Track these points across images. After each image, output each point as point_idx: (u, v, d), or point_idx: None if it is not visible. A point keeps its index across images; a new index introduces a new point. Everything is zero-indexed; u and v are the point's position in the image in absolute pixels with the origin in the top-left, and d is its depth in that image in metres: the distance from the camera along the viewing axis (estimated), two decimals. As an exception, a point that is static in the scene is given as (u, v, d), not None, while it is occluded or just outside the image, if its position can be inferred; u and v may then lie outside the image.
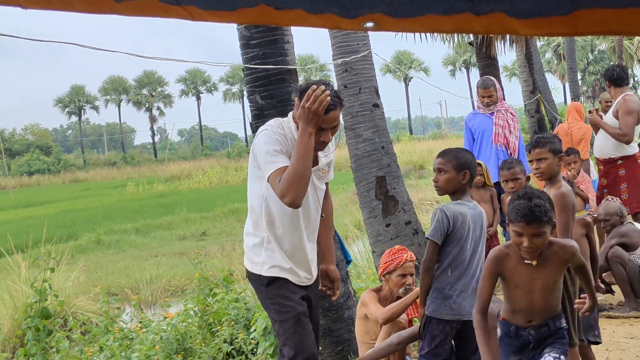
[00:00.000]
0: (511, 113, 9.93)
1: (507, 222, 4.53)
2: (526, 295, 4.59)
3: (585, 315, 5.03)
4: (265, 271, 5.00)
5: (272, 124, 4.95)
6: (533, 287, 4.57)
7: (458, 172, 5.21)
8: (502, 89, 10.20)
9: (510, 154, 9.53)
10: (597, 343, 5.75)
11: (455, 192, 5.30)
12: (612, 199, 8.67)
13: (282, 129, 4.88)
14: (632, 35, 1.76)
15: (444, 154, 5.34)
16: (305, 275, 5.09)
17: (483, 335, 4.61)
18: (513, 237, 4.44)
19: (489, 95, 9.87)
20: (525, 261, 4.49)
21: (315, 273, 5.22)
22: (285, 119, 5.01)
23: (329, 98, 4.60)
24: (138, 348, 8.30)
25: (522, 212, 4.30)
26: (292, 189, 4.56)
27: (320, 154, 5.02)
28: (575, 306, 5.05)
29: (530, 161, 5.69)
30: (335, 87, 10.23)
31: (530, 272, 4.51)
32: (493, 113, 9.85)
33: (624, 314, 7.96)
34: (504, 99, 10.19)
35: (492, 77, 10.44)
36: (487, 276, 4.61)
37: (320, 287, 5.41)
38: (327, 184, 5.40)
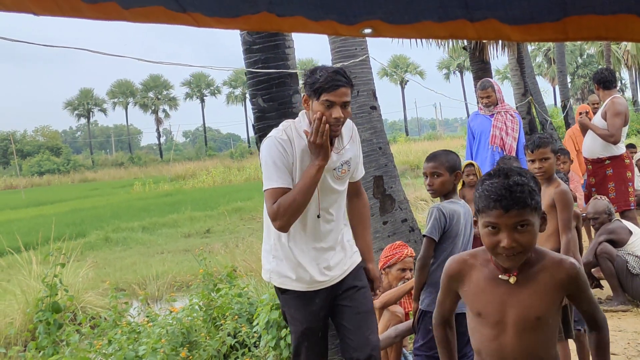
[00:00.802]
0: (511, 115, 10.03)
1: (475, 215, 3.34)
2: (494, 329, 3.35)
3: None
4: (275, 281, 5.01)
5: (278, 130, 4.90)
6: (504, 318, 3.31)
7: (451, 173, 5.31)
8: (501, 91, 10.37)
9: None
10: None
11: (448, 192, 5.37)
12: (600, 197, 8.89)
13: (288, 134, 4.80)
14: (620, 40, 1.82)
15: (435, 158, 5.40)
16: (322, 278, 4.93)
17: (444, 351, 3.96)
18: (485, 235, 3.20)
19: (487, 96, 10.03)
20: (500, 276, 3.30)
21: (340, 272, 5.00)
22: (296, 119, 4.96)
23: (328, 127, 4.58)
24: (145, 341, 8.41)
25: (498, 194, 3.09)
26: (285, 218, 4.57)
27: (332, 153, 4.81)
28: None
29: (532, 160, 5.78)
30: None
31: (502, 293, 3.31)
32: (493, 115, 10.02)
33: (612, 308, 8.12)
34: (504, 101, 10.32)
35: (490, 79, 10.57)
36: (444, 291, 3.68)
37: None
38: (358, 181, 5.30)
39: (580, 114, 10.44)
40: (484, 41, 17.34)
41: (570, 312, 5.46)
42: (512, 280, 3.27)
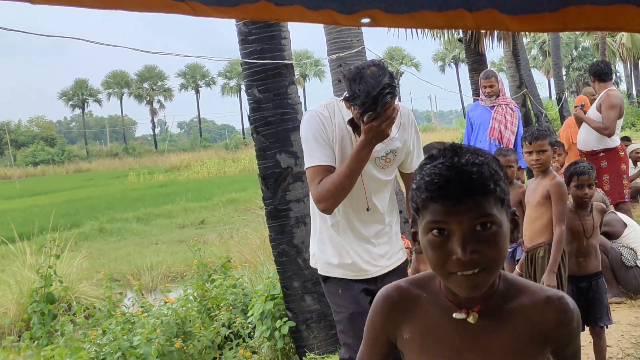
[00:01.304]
0: (511, 108, 10.04)
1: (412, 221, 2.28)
2: None
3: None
4: (320, 268, 4.82)
5: (319, 105, 4.59)
6: None
7: None
8: (503, 83, 10.38)
9: None
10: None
11: None
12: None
13: (329, 111, 4.52)
14: (618, 31, 1.84)
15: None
16: (367, 268, 4.68)
17: None
18: (429, 247, 2.11)
19: (490, 85, 10.05)
20: (455, 315, 2.23)
21: (383, 265, 4.73)
22: (339, 97, 4.54)
23: (396, 113, 4.24)
24: (140, 332, 8.41)
25: (443, 178, 2.04)
26: (330, 200, 4.34)
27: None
28: None
29: (529, 152, 5.75)
30: (331, 81, 10.56)
31: (459, 340, 2.25)
32: (494, 107, 10.04)
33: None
34: (505, 94, 10.33)
35: (494, 70, 10.59)
36: (370, 341, 2.50)
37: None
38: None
39: (576, 107, 10.46)
40: (480, 33, 17.37)
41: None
42: (472, 319, 2.22)
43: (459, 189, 2.03)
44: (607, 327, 5.82)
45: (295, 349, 8.41)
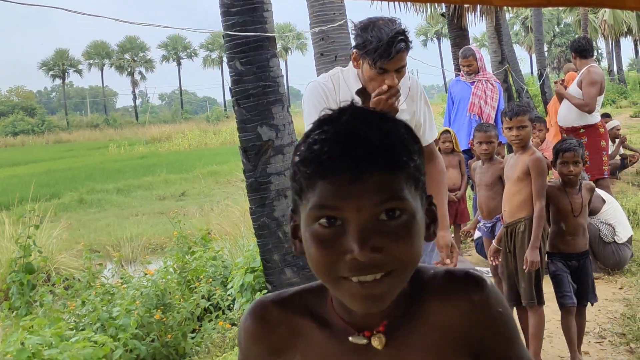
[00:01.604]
0: (492, 84, 10.07)
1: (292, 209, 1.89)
2: None
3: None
4: None
5: (324, 76, 4.36)
6: None
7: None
8: (483, 59, 10.38)
9: None
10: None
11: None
12: None
13: (334, 82, 4.28)
14: (601, 6, 1.74)
15: None
16: None
17: None
18: (314, 243, 1.52)
19: (468, 65, 10.11)
20: (351, 339, 1.63)
21: None
22: (344, 68, 4.34)
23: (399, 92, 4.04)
24: (119, 303, 8.39)
25: (335, 145, 1.48)
26: None
27: None
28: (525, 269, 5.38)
29: (509, 128, 5.73)
30: (313, 55, 10.54)
31: None
32: (474, 82, 10.06)
33: (583, 276, 8.25)
34: (486, 69, 10.37)
35: (472, 47, 10.60)
36: None
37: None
38: (431, 144, 4.59)
39: (556, 82, 10.48)
40: (462, 8, 17.36)
41: (542, 276, 5.53)
42: (377, 343, 1.63)
43: (357, 162, 1.45)
44: (592, 304, 5.88)
45: (274, 321, 8.42)
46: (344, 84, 4.24)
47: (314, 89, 4.25)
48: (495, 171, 6.68)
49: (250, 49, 8.25)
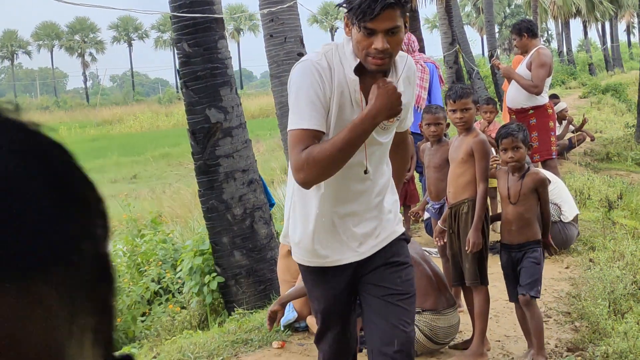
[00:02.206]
0: (421, 65, 10.02)
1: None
2: None
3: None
4: (293, 253, 4.01)
5: (317, 53, 3.68)
6: None
7: None
8: (417, 41, 10.29)
9: (417, 107, 9.62)
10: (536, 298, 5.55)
11: None
12: None
13: (328, 60, 3.61)
14: None
15: None
16: (343, 255, 3.81)
17: None
18: None
19: None
20: None
21: (369, 247, 3.81)
22: (339, 42, 3.74)
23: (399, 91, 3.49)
24: (67, 287, 8.39)
25: None
26: (314, 172, 3.45)
27: None
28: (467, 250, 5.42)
29: (453, 110, 5.72)
30: (263, 37, 10.50)
31: None
32: None
33: (530, 255, 8.33)
34: (420, 51, 10.24)
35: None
36: None
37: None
38: (405, 131, 4.12)
39: (494, 63, 10.51)
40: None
41: (486, 256, 5.58)
42: None
43: None
44: (535, 298, 5.59)
45: (224, 304, 8.44)
46: (339, 63, 3.63)
47: (308, 69, 3.56)
48: (444, 153, 6.70)
49: (197, 31, 8.22)
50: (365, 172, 3.72)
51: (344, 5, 3.54)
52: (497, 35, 49.96)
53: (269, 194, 9.00)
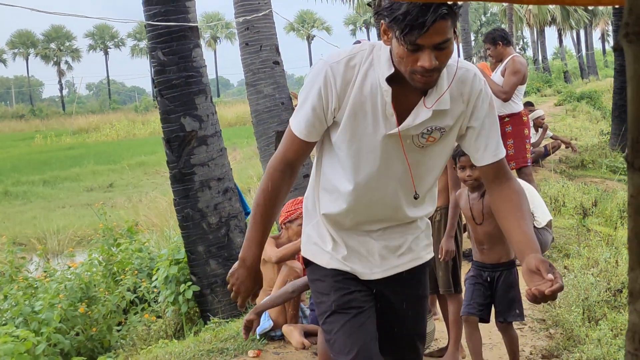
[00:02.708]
0: None
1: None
2: None
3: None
4: (305, 249, 3.55)
5: (341, 52, 3.16)
6: None
7: None
8: None
9: None
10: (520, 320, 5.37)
11: None
12: None
13: (351, 63, 3.09)
14: (510, 2, 1.76)
15: None
16: (364, 269, 3.36)
17: None
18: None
19: None
20: None
21: (388, 267, 3.38)
22: (377, 44, 3.13)
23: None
24: (42, 297, 8.32)
25: None
26: (259, 189, 3.25)
27: (414, 111, 3.07)
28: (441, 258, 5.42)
29: None
30: (239, 45, 10.50)
31: None
32: None
33: (506, 263, 8.37)
34: None
35: (362, 41, 10.54)
36: None
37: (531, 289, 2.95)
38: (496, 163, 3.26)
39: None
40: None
41: (459, 265, 5.59)
42: None
43: None
44: (515, 322, 5.41)
45: (199, 313, 8.43)
46: (368, 66, 3.09)
47: (319, 72, 3.12)
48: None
49: (172, 39, 8.21)
50: (416, 197, 3.31)
51: (384, 13, 2.87)
52: (473, 43, 50.13)
53: (245, 202, 9.00)
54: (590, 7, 56.62)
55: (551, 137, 15.66)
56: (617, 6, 1.48)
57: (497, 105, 9.59)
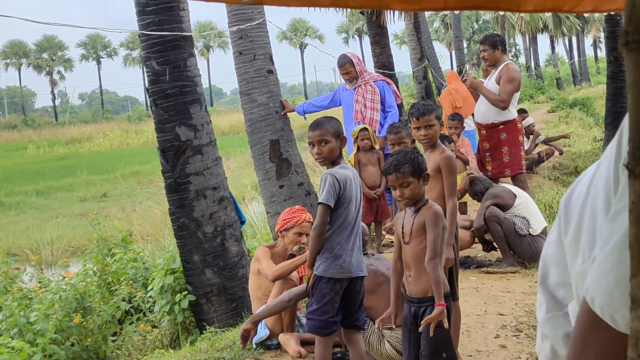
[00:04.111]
0: (371, 85, 10.01)
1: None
2: None
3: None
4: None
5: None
6: None
7: (337, 139, 5.19)
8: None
9: (375, 130, 9.64)
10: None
11: (336, 158, 5.24)
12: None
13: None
14: (494, 10, 1.80)
15: (320, 125, 5.23)
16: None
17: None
18: None
19: (346, 72, 9.98)
20: None
21: None
22: None
23: None
24: (37, 307, 8.30)
25: None
26: None
27: None
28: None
29: (417, 128, 5.71)
30: (232, 54, 10.50)
31: None
32: (355, 88, 10.03)
33: (501, 270, 8.33)
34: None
35: (348, 54, 10.41)
36: None
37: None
38: None
39: (466, 78, 10.54)
40: (382, 9, 17.43)
41: (456, 272, 5.57)
42: None
43: None
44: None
45: (195, 322, 8.42)
46: None
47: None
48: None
49: (166, 49, 8.22)
50: None
51: None
52: (465, 50, 50.26)
53: (240, 211, 9.00)
54: (586, 15, 56.79)
55: (544, 142, 15.72)
56: (612, 13, 1.49)
57: (492, 113, 9.76)
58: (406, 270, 4.74)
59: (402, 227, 4.78)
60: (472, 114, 11.15)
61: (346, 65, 9.95)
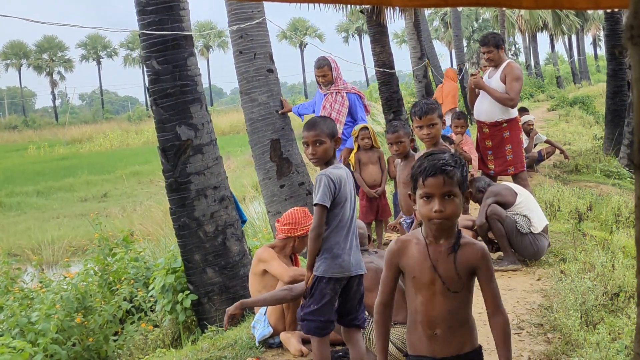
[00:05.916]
0: (342, 95, 9.90)
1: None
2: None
3: None
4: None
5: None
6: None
7: (331, 139, 5.18)
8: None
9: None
10: None
11: (330, 158, 5.24)
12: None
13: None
14: (496, 6, 1.78)
15: (315, 126, 5.23)
16: None
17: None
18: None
19: (322, 75, 9.84)
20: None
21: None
22: None
23: None
24: (38, 307, 8.30)
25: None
26: None
27: None
28: None
29: (420, 127, 5.74)
30: (232, 53, 10.49)
31: None
32: (326, 95, 9.93)
33: (502, 268, 8.31)
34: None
35: (327, 57, 10.32)
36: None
37: None
38: None
39: (473, 75, 10.50)
40: (383, 5, 17.41)
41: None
42: None
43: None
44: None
45: (197, 321, 8.42)
46: None
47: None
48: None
49: (167, 48, 8.21)
50: None
51: None
52: (465, 49, 50.26)
53: (241, 210, 8.99)
54: (587, 12, 56.72)
55: (545, 142, 15.71)
56: (616, 10, 1.49)
57: (497, 112, 9.77)
58: (426, 328, 3.58)
59: (435, 269, 3.55)
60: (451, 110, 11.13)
61: (324, 67, 9.83)
